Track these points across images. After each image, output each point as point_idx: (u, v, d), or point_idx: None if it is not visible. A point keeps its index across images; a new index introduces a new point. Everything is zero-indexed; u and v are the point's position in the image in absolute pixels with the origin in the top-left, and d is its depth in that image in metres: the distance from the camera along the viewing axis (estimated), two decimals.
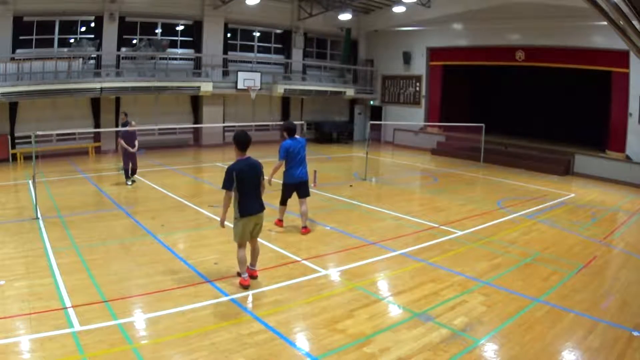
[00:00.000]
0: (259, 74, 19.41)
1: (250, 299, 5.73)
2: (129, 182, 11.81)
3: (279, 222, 8.54)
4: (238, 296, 5.71)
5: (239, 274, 6.03)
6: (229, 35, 19.73)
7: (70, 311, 5.10)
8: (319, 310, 5.41)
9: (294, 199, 8.27)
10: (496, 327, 5.16)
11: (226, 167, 5.80)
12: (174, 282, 6.04)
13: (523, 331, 5.07)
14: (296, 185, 8.09)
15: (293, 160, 7.96)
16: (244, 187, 5.70)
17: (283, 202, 8.38)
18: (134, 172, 11.97)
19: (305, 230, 8.22)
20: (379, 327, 5.08)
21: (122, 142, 11.57)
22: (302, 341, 4.83)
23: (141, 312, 5.27)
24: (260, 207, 5.91)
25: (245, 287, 5.88)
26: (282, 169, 8.09)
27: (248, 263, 6.07)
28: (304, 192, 8.20)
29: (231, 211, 5.83)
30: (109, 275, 6.18)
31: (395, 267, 6.96)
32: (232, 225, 5.98)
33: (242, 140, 5.73)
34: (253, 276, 6.12)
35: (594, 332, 5.11)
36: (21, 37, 14.98)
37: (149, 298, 5.59)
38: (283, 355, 4.49)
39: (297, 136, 8.13)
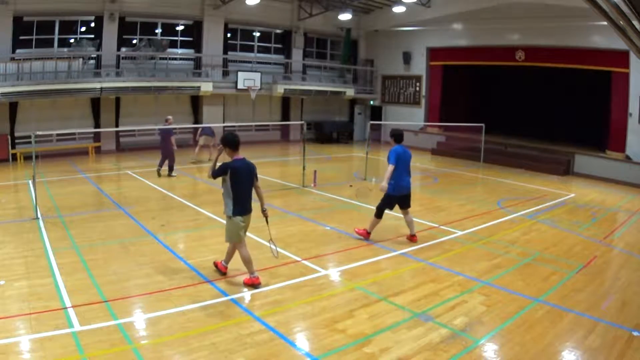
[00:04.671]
0: (259, 74, 19.42)
1: (250, 299, 5.73)
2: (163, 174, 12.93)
3: (366, 233, 7.98)
4: (238, 296, 5.71)
5: (251, 280, 5.95)
6: (229, 35, 19.72)
7: (70, 311, 5.10)
8: (319, 310, 5.41)
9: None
10: (496, 327, 5.16)
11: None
12: (174, 282, 6.04)
13: (523, 331, 5.07)
14: (401, 198, 7.76)
15: (402, 169, 7.55)
16: (240, 186, 5.81)
17: (379, 215, 7.86)
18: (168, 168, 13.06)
19: (414, 238, 7.96)
20: (379, 327, 5.08)
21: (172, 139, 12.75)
22: (302, 341, 4.83)
23: (141, 312, 5.27)
24: (251, 208, 6.02)
25: (257, 286, 5.86)
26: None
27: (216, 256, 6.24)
28: (407, 203, 7.89)
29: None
30: (109, 275, 6.18)
31: (395, 267, 6.97)
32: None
33: (235, 141, 5.90)
34: (222, 272, 6.24)
35: (594, 332, 5.11)
36: (21, 37, 14.98)
37: (149, 298, 5.59)
38: (283, 355, 4.49)
39: (397, 145, 7.68)
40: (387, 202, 7.81)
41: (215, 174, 5.86)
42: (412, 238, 7.99)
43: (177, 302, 5.47)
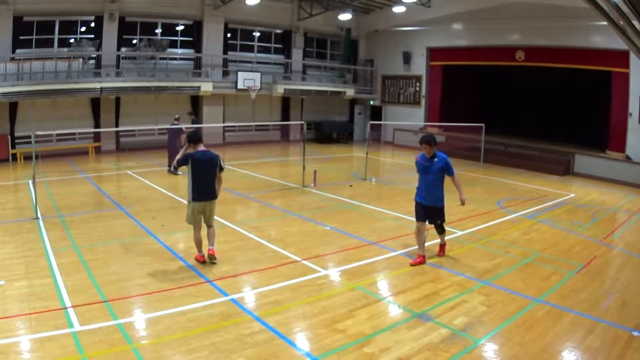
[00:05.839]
0: (259, 74, 19.42)
1: (250, 299, 5.73)
2: (179, 172, 12.78)
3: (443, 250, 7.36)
4: (238, 296, 5.71)
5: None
6: (229, 35, 19.73)
7: (70, 311, 5.10)
8: (319, 310, 5.41)
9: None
10: (496, 327, 5.16)
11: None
12: (174, 282, 6.05)
13: (523, 331, 5.07)
14: (420, 206, 6.89)
15: (419, 177, 6.94)
16: (200, 174, 6.51)
17: (443, 230, 7.23)
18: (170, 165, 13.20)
19: (441, 251, 7.38)
20: (379, 327, 5.08)
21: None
22: (302, 341, 4.82)
23: (141, 312, 5.27)
24: (212, 196, 6.67)
25: (201, 263, 6.62)
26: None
27: (206, 244, 6.71)
28: (430, 217, 6.94)
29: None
30: (109, 275, 6.18)
31: (395, 267, 6.96)
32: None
33: (195, 137, 6.70)
34: (211, 255, 6.65)
35: (594, 332, 5.11)
36: (21, 37, 14.99)
37: (149, 298, 5.59)
38: (283, 355, 4.49)
39: (438, 152, 6.78)
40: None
41: (179, 162, 6.61)
42: (439, 252, 7.44)
43: (177, 302, 5.47)
